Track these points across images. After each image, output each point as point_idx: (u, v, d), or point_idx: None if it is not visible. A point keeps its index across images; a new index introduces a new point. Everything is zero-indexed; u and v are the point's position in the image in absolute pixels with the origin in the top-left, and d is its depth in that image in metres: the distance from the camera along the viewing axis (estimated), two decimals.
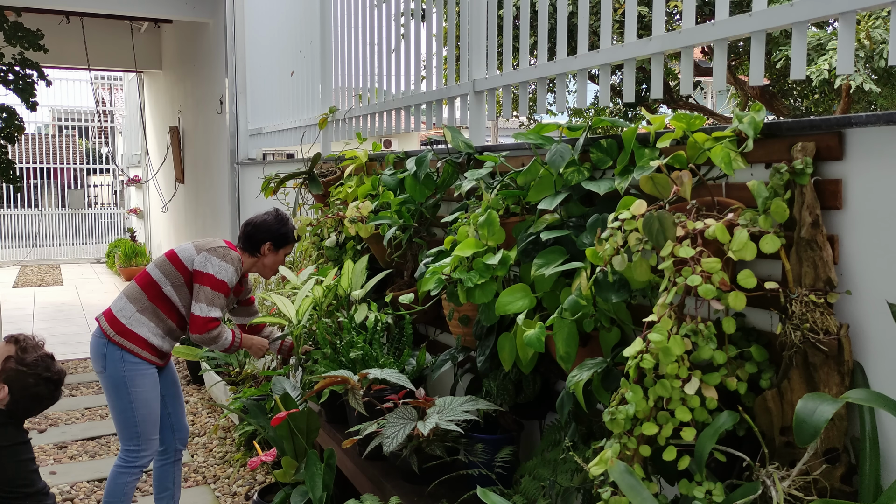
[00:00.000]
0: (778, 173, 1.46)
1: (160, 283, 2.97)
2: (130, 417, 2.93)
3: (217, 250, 2.97)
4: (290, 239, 3.14)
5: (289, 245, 3.14)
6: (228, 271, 2.95)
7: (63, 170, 15.09)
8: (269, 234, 3.06)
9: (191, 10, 6.55)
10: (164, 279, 2.97)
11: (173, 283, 2.97)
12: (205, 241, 3.05)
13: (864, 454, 1.37)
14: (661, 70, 2.05)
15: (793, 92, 10.85)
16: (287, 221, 3.14)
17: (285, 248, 3.12)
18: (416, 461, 2.29)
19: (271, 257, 3.09)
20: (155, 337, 2.97)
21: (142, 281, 3.01)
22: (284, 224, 3.11)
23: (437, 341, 2.96)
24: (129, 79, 12.81)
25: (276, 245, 3.08)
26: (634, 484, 1.41)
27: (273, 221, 3.09)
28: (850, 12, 1.54)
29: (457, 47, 3.01)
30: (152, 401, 2.97)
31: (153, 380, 2.99)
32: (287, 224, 3.13)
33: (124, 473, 2.96)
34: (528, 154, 2.28)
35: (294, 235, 3.18)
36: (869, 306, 1.41)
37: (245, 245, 3.08)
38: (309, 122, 4.54)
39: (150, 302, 2.97)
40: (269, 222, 3.08)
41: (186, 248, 3.02)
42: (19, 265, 13.45)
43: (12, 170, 6.00)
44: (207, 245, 3.00)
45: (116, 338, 2.91)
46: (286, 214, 3.15)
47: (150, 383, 2.96)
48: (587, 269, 1.75)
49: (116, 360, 2.90)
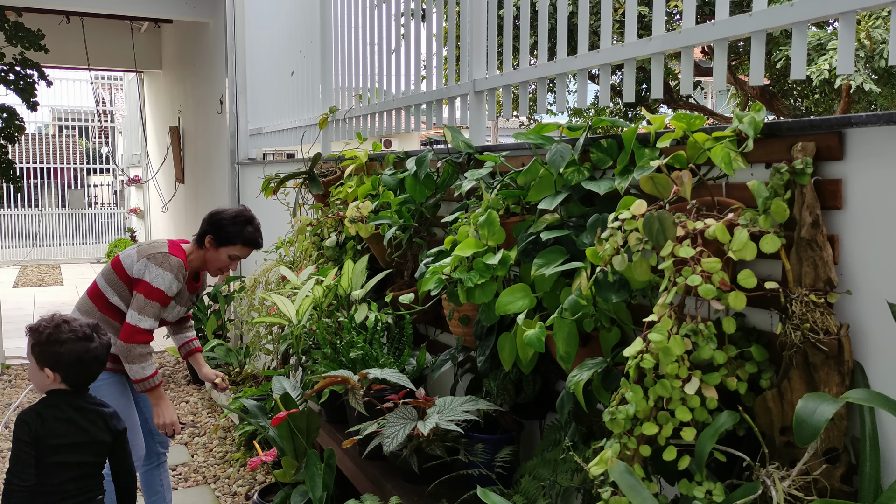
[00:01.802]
0: (778, 173, 1.46)
1: (106, 293, 2.89)
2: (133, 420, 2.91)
3: (156, 256, 2.83)
4: (236, 240, 2.91)
5: (233, 246, 2.91)
6: (166, 279, 2.80)
7: (63, 170, 15.10)
8: (213, 227, 2.91)
9: (191, 10, 6.55)
10: (109, 289, 2.88)
11: (119, 293, 2.88)
12: (149, 245, 2.92)
13: (864, 454, 1.37)
14: (661, 70, 2.05)
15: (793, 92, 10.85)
16: (242, 222, 2.92)
17: (228, 248, 2.91)
18: (416, 461, 2.29)
19: (212, 253, 2.92)
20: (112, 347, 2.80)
21: (91, 292, 2.93)
22: (236, 223, 2.91)
23: (437, 341, 2.96)
24: (129, 79, 12.82)
25: (216, 241, 2.90)
26: (634, 484, 1.41)
27: (226, 217, 2.92)
28: (850, 12, 1.54)
29: (457, 47, 3.01)
30: (124, 408, 2.87)
31: (120, 388, 2.91)
32: (239, 224, 2.91)
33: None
34: (528, 154, 2.28)
35: (249, 240, 2.93)
36: (869, 306, 1.41)
37: (197, 234, 2.95)
38: (309, 121, 4.54)
39: (100, 313, 2.88)
40: (221, 216, 2.92)
41: (129, 255, 2.90)
42: (19, 265, 13.46)
43: (12, 170, 6.01)
44: (148, 250, 2.87)
45: None
46: (250, 216, 2.96)
47: (117, 392, 2.88)
48: (587, 269, 1.75)
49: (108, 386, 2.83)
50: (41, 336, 2.28)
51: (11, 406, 5.34)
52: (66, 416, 2.28)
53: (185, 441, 4.64)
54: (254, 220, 2.98)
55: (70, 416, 2.29)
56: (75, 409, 2.31)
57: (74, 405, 2.31)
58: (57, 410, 2.28)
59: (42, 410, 2.27)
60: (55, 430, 2.25)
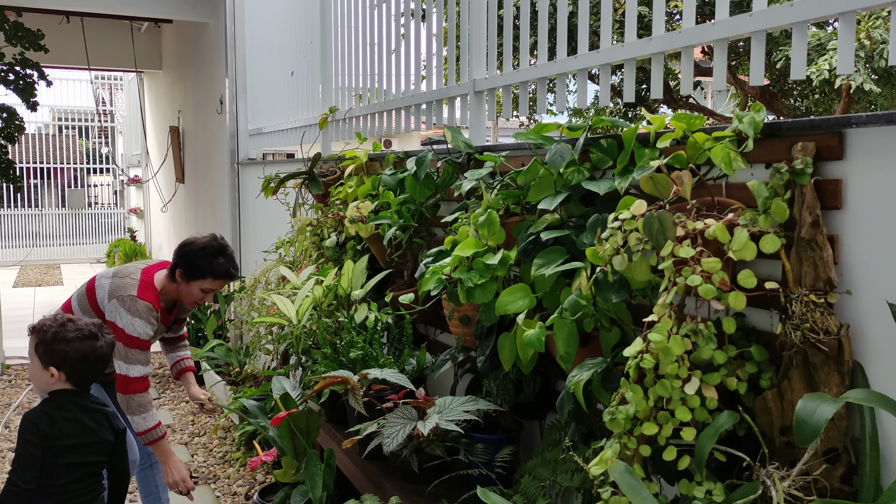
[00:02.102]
0: (778, 173, 1.46)
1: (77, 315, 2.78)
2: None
3: (125, 300, 2.70)
4: (206, 273, 2.78)
5: (203, 279, 2.78)
6: (137, 326, 2.69)
7: (63, 170, 15.10)
8: (182, 260, 2.79)
9: (191, 10, 6.55)
10: (81, 314, 2.80)
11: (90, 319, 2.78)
12: (121, 280, 2.78)
13: (864, 454, 1.37)
14: (661, 70, 2.05)
15: (793, 92, 10.85)
16: (211, 254, 2.78)
17: (199, 281, 2.78)
18: (416, 461, 2.29)
19: (184, 287, 2.81)
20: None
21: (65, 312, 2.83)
22: (205, 255, 2.77)
23: (437, 341, 2.96)
24: (129, 79, 12.82)
25: (186, 275, 2.78)
26: (634, 484, 1.41)
27: (195, 249, 2.79)
28: (850, 12, 1.54)
29: (457, 47, 3.01)
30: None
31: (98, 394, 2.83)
32: (209, 256, 2.77)
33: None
34: (528, 154, 2.27)
35: (220, 272, 2.79)
36: (869, 306, 1.41)
37: (169, 266, 2.84)
38: (309, 122, 4.54)
39: None
40: (190, 248, 2.80)
41: (102, 286, 2.79)
42: (19, 265, 13.46)
43: (12, 170, 6.01)
44: (119, 289, 2.74)
45: None
46: (220, 246, 2.82)
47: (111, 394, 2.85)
48: (587, 269, 1.75)
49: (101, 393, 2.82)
50: (46, 335, 2.27)
51: (11, 406, 5.34)
52: (74, 417, 2.28)
53: (186, 441, 4.64)
54: (225, 249, 2.84)
55: (77, 417, 2.29)
56: (81, 409, 2.31)
57: (80, 405, 2.31)
58: (65, 411, 2.28)
59: (51, 411, 2.26)
60: (65, 431, 2.25)
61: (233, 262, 2.86)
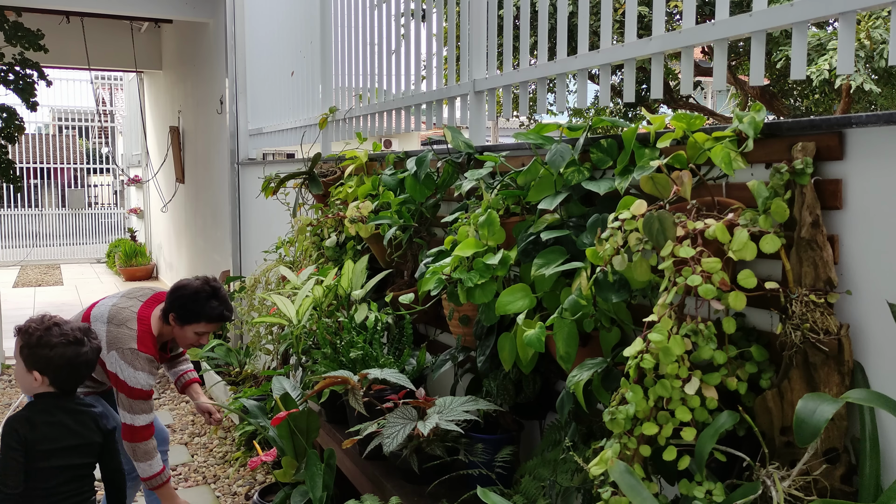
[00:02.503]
0: (778, 173, 1.46)
1: None
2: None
3: (125, 353, 2.67)
4: (200, 318, 2.74)
5: (197, 324, 2.75)
6: (140, 378, 2.67)
7: (63, 170, 15.10)
8: (175, 304, 2.75)
9: (191, 10, 6.55)
10: None
11: None
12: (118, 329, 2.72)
13: (865, 454, 1.37)
14: (661, 70, 2.05)
15: (793, 92, 10.85)
16: (204, 298, 2.74)
17: (193, 325, 2.75)
18: (416, 461, 2.29)
19: (178, 330, 2.78)
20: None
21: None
22: (198, 300, 2.73)
23: (437, 341, 2.96)
24: (129, 79, 12.82)
25: (179, 319, 2.75)
26: (634, 484, 1.41)
27: (188, 293, 2.75)
28: (850, 12, 1.54)
29: (457, 47, 3.01)
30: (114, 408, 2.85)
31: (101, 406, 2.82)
32: (201, 301, 2.73)
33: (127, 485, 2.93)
34: (528, 154, 2.28)
35: (213, 316, 2.75)
36: (869, 306, 1.41)
37: (162, 309, 2.81)
38: (309, 122, 4.54)
39: None
40: (182, 292, 2.76)
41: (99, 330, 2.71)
42: (19, 265, 13.45)
43: (12, 170, 6.01)
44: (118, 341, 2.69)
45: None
46: (213, 289, 2.77)
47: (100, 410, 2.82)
48: (587, 269, 1.75)
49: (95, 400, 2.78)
50: (31, 338, 2.23)
51: (11, 406, 5.34)
52: (57, 420, 2.25)
53: (186, 441, 4.64)
54: (218, 292, 2.79)
55: (61, 420, 2.26)
56: (66, 412, 2.28)
57: (65, 408, 2.28)
58: (48, 415, 2.24)
59: (32, 416, 2.23)
60: (47, 435, 2.22)
61: (227, 304, 2.82)
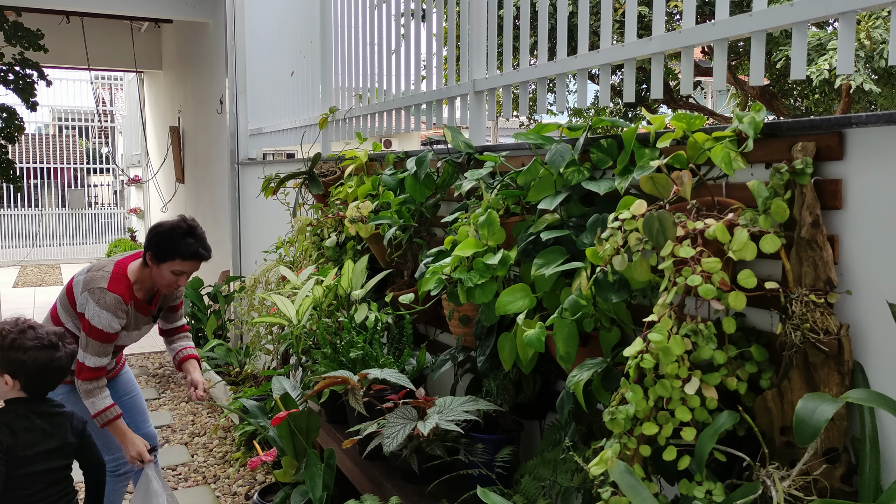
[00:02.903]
0: (778, 173, 1.46)
1: (64, 320, 2.79)
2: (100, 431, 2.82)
3: (94, 292, 2.67)
4: (174, 254, 2.70)
5: (172, 261, 2.70)
6: (103, 318, 2.65)
7: (63, 170, 15.11)
8: (150, 243, 2.73)
9: (191, 10, 6.55)
10: (66, 315, 2.79)
11: (73, 321, 2.77)
12: (95, 273, 2.74)
13: (864, 454, 1.37)
14: (661, 70, 2.05)
15: (793, 92, 10.85)
16: (179, 235, 2.71)
17: (169, 263, 2.71)
18: (416, 461, 2.29)
19: (155, 270, 2.74)
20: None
21: (53, 317, 2.86)
22: (173, 237, 2.70)
23: (437, 341, 2.96)
24: (129, 79, 12.82)
25: (155, 258, 2.71)
26: (634, 484, 1.41)
27: (162, 231, 2.73)
28: (850, 12, 1.54)
29: (457, 47, 3.01)
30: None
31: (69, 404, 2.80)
32: (176, 238, 2.70)
33: (113, 481, 2.90)
34: (528, 154, 2.28)
35: (189, 253, 2.70)
36: (869, 306, 1.41)
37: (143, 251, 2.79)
38: (309, 122, 4.54)
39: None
40: (157, 230, 2.74)
41: (79, 282, 2.75)
42: (19, 265, 13.46)
43: (12, 170, 6.01)
44: (91, 282, 2.71)
45: None
46: (189, 227, 2.74)
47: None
48: (587, 269, 1.75)
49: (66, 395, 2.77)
50: (4, 341, 2.20)
51: None
52: (34, 426, 2.22)
53: (186, 441, 4.64)
54: (195, 230, 2.76)
55: (38, 425, 2.23)
56: (41, 416, 2.25)
57: (39, 412, 2.25)
58: (25, 420, 2.21)
59: (11, 422, 2.20)
60: (27, 441, 2.19)
61: (203, 242, 2.78)
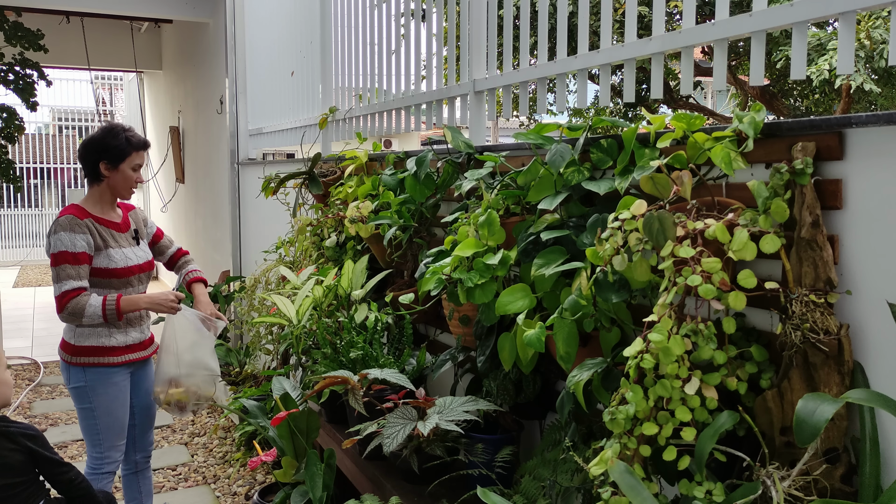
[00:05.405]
0: (778, 173, 1.46)
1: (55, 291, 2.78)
2: (93, 425, 2.85)
3: (49, 230, 2.76)
4: (129, 148, 2.80)
5: (129, 156, 2.81)
6: (63, 238, 2.70)
7: (63, 170, 15.11)
8: (98, 154, 2.80)
9: (191, 10, 6.55)
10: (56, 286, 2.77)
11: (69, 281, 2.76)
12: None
13: (865, 454, 1.37)
14: (661, 70, 2.05)
15: (793, 92, 10.85)
16: (119, 132, 2.80)
17: (127, 160, 2.81)
18: (416, 461, 2.29)
19: (115, 176, 2.81)
20: (109, 338, 2.82)
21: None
22: (117, 136, 2.79)
23: (437, 341, 2.96)
24: (129, 79, 12.81)
25: (111, 162, 2.80)
26: (634, 484, 1.41)
27: (98, 136, 2.80)
28: (850, 12, 1.54)
29: (457, 47, 3.01)
30: (117, 409, 2.85)
31: (120, 388, 2.86)
32: (119, 135, 2.79)
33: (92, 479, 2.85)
34: (528, 154, 2.28)
35: (137, 143, 2.82)
36: (869, 306, 1.41)
37: (87, 175, 2.83)
38: (309, 122, 4.54)
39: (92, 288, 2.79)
40: (94, 139, 2.81)
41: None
42: (19, 265, 13.45)
43: (12, 170, 6.01)
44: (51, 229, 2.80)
45: (73, 359, 2.80)
46: (120, 126, 2.84)
47: (115, 392, 2.84)
48: (587, 269, 1.75)
49: (79, 375, 2.81)
50: None
51: (11, 406, 5.34)
52: None
53: (186, 441, 4.64)
54: (125, 126, 2.88)
55: None
56: None
57: None
58: None
59: None
60: None
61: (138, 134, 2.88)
